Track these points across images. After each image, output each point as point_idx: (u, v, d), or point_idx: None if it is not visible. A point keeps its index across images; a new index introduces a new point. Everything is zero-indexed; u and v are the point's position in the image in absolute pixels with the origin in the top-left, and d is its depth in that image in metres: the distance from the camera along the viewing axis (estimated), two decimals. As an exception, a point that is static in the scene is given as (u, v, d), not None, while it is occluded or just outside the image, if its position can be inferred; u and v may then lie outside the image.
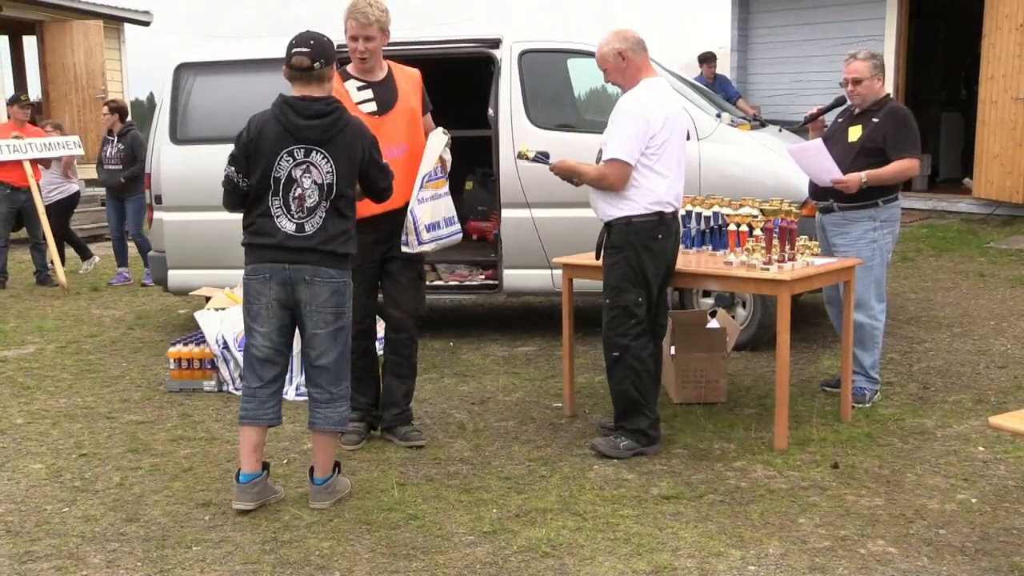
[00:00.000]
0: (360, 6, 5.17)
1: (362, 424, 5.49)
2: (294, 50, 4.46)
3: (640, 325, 5.16)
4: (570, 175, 5.30)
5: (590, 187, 5.23)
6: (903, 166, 5.70)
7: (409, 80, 5.46)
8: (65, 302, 9.93)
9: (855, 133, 5.82)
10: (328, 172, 4.43)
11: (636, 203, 5.05)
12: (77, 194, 11.61)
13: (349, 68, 5.36)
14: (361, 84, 5.29)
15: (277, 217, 4.48)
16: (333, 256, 4.48)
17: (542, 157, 5.42)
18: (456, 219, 5.52)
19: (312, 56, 4.43)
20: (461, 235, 5.60)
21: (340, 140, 4.45)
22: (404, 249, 5.28)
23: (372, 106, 5.25)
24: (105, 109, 11.03)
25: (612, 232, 5.14)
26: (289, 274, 4.47)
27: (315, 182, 4.43)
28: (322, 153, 4.43)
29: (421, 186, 5.27)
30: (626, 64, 5.11)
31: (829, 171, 5.65)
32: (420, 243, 5.28)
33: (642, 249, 5.09)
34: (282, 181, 4.45)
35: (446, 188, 5.44)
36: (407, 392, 5.57)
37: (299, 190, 4.44)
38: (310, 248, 4.45)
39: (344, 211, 4.52)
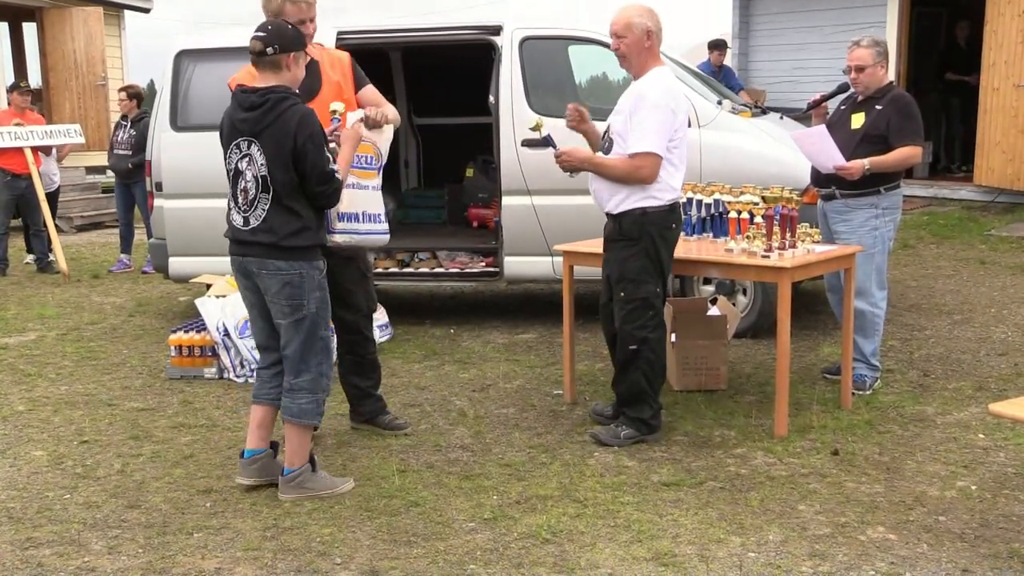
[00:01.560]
0: None
1: None
2: (253, 34, 4.45)
3: (657, 316, 5.15)
4: (586, 168, 5.17)
5: (594, 176, 5.18)
6: (906, 153, 5.70)
7: (336, 64, 5.22)
8: (66, 289, 9.93)
9: (858, 120, 5.81)
10: (262, 164, 4.38)
11: (654, 196, 5.01)
12: (59, 188, 11.65)
13: None
14: None
15: (231, 210, 4.54)
16: (279, 249, 4.41)
17: (552, 141, 5.31)
18: (383, 219, 5.01)
19: (265, 41, 4.39)
20: (387, 238, 5.08)
21: (270, 131, 4.36)
22: None
23: None
24: (123, 95, 11.00)
25: (624, 223, 5.07)
26: (244, 265, 4.53)
27: (253, 175, 4.41)
28: (256, 144, 4.39)
29: None
30: (649, 46, 5.04)
31: (832, 157, 5.65)
32: (331, 232, 4.79)
33: (659, 239, 5.06)
34: (232, 174, 4.50)
35: (376, 182, 4.96)
36: (375, 384, 5.49)
37: (243, 182, 4.45)
38: (255, 241, 4.44)
39: (288, 203, 4.39)
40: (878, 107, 5.77)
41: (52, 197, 11.32)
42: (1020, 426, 5.03)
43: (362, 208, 4.86)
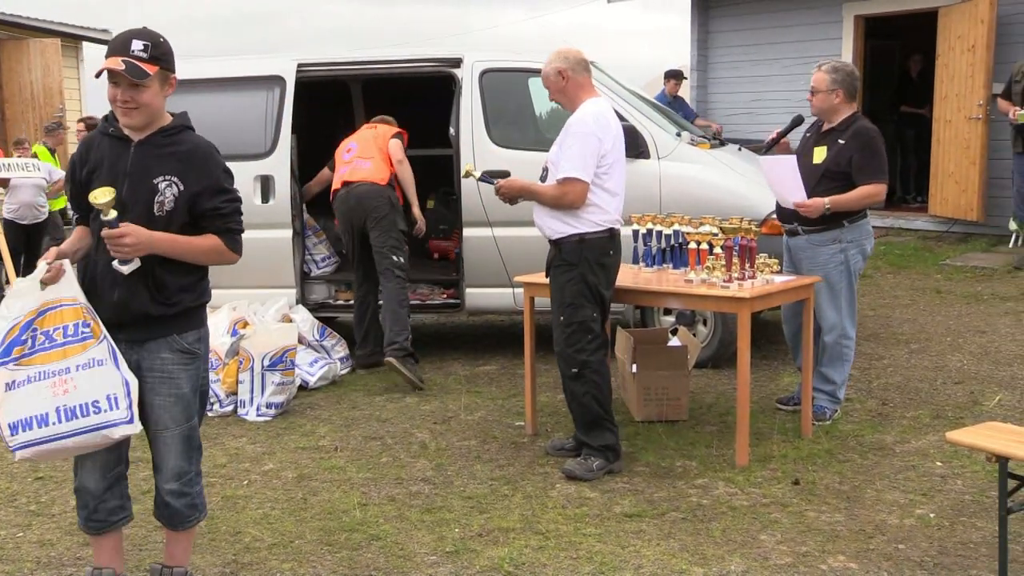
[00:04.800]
0: None
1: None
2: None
3: (597, 339, 5.21)
4: (522, 195, 5.34)
5: (537, 205, 5.26)
6: (868, 191, 5.65)
7: None
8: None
9: (820, 155, 5.78)
10: None
11: (589, 220, 5.11)
12: (47, 220, 11.50)
13: None
14: None
15: None
16: None
17: (488, 178, 5.51)
18: (84, 409, 3.47)
19: None
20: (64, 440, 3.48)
21: None
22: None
23: None
24: (81, 126, 10.91)
25: (563, 249, 5.17)
26: None
27: None
28: None
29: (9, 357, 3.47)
30: (566, 83, 5.18)
31: (793, 192, 5.63)
32: (11, 448, 3.51)
33: (596, 266, 5.15)
34: None
35: (84, 358, 3.48)
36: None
37: None
38: None
39: None
40: (840, 141, 5.73)
41: (40, 228, 11.21)
42: (976, 454, 5.08)
43: (47, 405, 3.44)
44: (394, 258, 7.18)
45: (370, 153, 7.39)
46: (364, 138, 7.53)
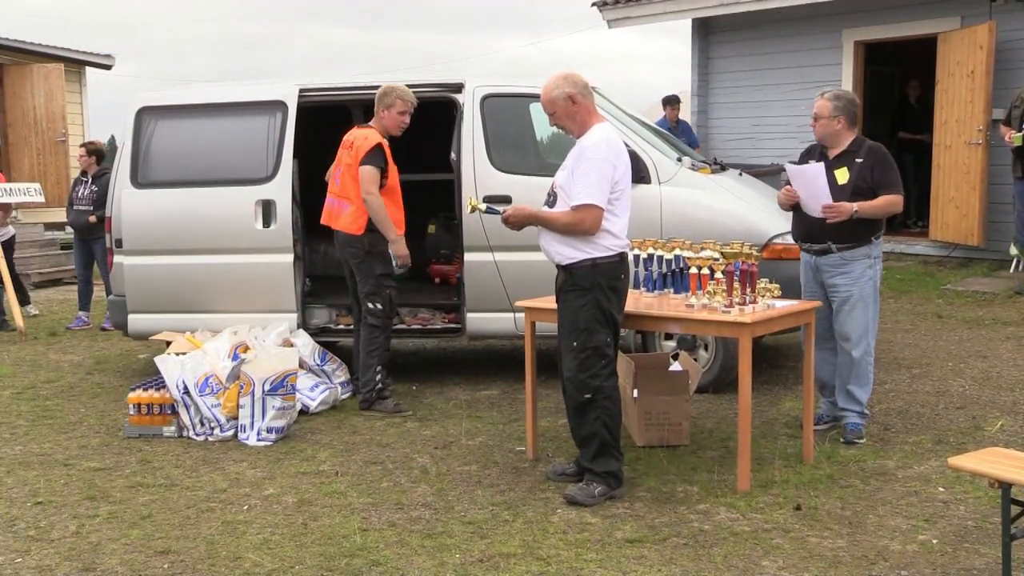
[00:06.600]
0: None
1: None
2: None
3: (610, 365, 5.21)
4: (530, 222, 5.31)
5: (543, 230, 5.25)
6: (891, 200, 5.91)
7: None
8: (22, 347, 9.79)
9: (843, 176, 5.96)
10: None
11: (601, 245, 5.11)
12: (13, 237, 11.41)
13: None
14: None
15: None
16: None
17: (494, 209, 5.51)
18: None
19: None
20: None
21: None
22: None
23: None
24: (82, 151, 10.95)
25: (575, 274, 5.16)
26: None
27: None
28: None
29: None
30: (577, 108, 5.17)
31: (821, 197, 5.79)
32: None
33: (609, 290, 5.15)
34: None
35: None
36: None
37: None
38: None
39: None
40: (858, 160, 5.95)
41: (10, 245, 11.15)
42: (979, 479, 5.06)
43: None
44: (370, 305, 7.04)
45: (348, 192, 7.02)
46: (343, 167, 7.11)
